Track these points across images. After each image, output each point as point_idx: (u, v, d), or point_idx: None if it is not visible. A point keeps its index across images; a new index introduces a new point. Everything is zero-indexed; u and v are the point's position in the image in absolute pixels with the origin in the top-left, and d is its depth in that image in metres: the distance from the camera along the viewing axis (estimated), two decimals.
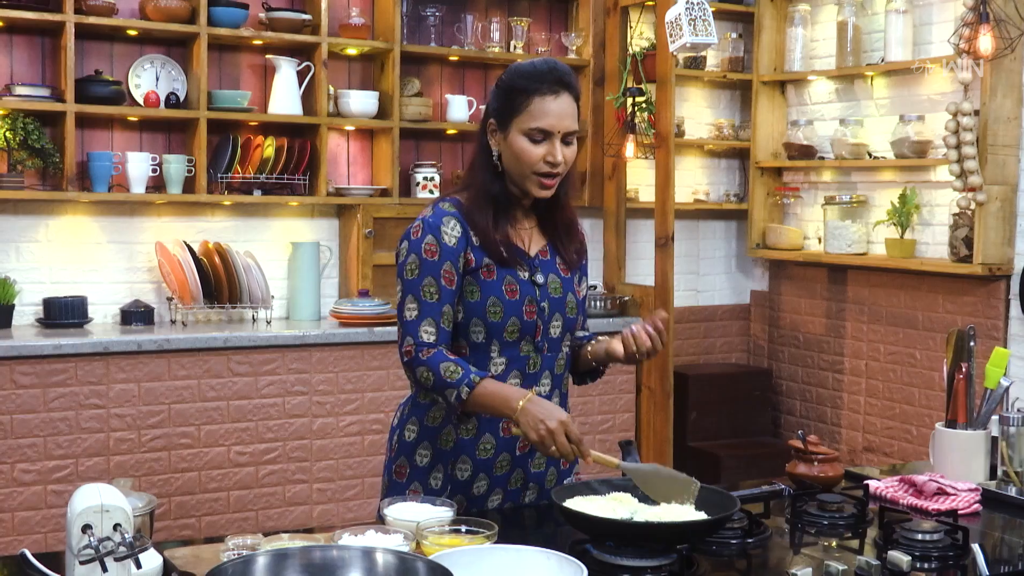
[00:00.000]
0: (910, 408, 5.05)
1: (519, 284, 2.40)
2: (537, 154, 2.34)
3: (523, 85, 2.34)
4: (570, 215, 2.52)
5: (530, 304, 2.40)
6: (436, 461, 2.44)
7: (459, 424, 2.41)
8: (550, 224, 2.49)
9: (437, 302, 2.35)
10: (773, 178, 5.69)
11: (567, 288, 2.48)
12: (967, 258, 4.62)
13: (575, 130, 2.37)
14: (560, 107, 2.34)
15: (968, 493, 2.49)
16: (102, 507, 1.72)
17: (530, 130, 2.33)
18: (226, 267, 4.57)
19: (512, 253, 2.40)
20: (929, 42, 4.93)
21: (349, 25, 4.82)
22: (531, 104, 2.33)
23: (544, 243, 2.49)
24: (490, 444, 2.42)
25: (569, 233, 2.51)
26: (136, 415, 4.23)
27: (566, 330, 2.47)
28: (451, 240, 2.36)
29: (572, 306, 2.48)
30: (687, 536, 2.04)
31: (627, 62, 5.20)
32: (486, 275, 2.38)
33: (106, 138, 4.59)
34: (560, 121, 2.33)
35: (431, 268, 2.35)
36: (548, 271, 2.46)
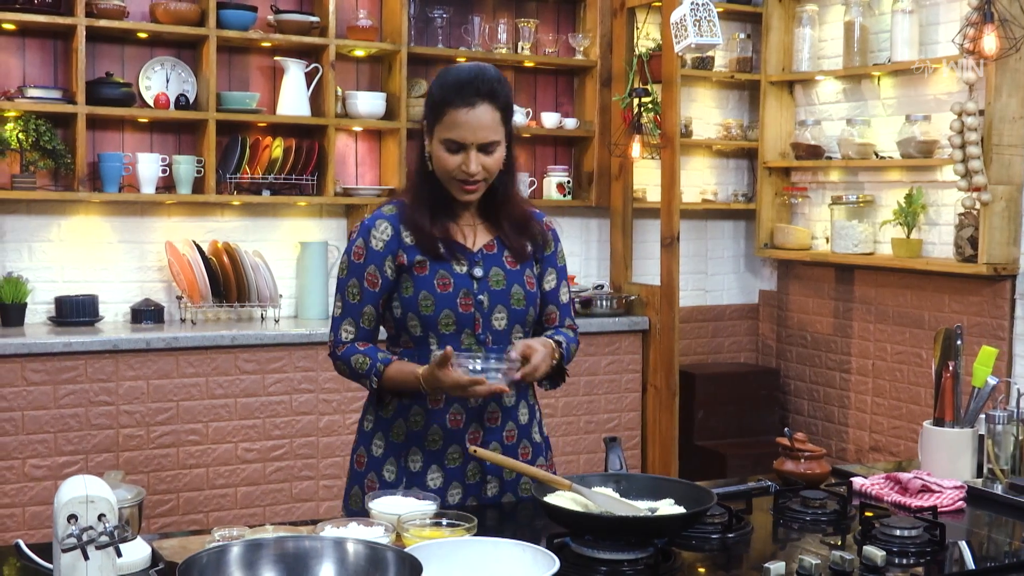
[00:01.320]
0: (916, 408, 5.06)
1: (453, 278, 2.44)
2: (453, 163, 2.39)
3: (441, 96, 2.39)
4: (518, 211, 2.54)
5: (465, 297, 2.44)
6: (389, 453, 2.50)
7: (408, 416, 2.47)
8: (498, 217, 2.51)
9: (358, 303, 2.47)
10: (781, 178, 5.70)
11: (513, 280, 2.50)
12: (972, 258, 4.62)
13: (494, 140, 2.38)
14: (474, 119, 2.36)
15: (953, 491, 2.51)
16: (87, 498, 1.76)
17: (445, 140, 2.39)
18: (235, 266, 4.63)
19: (451, 248, 2.45)
20: (936, 42, 4.94)
21: (357, 27, 4.87)
22: (446, 115, 2.38)
23: (491, 237, 2.52)
24: (438, 435, 2.47)
25: (519, 227, 2.53)
26: (145, 412, 4.29)
27: (514, 322, 2.49)
28: (378, 244, 2.45)
29: (519, 298, 2.49)
30: (664, 530, 2.08)
31: (633, 63, 5.23)
32: (418, 271, 2.44)
33: (117, 139, 4.65)
34: (474, 133, 2.36)
35: (356, 270, 2.47)
36: (492, 264, 2.49)
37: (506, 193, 2.51)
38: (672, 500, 2.20)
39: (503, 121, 2.42)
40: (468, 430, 2.47)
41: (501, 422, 2.50)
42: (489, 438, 2.48)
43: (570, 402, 5.06)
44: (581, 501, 2.16)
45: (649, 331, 5.18)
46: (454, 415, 2.46)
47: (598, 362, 5.11)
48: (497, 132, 2.40)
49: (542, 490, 2.18)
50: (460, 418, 2.47)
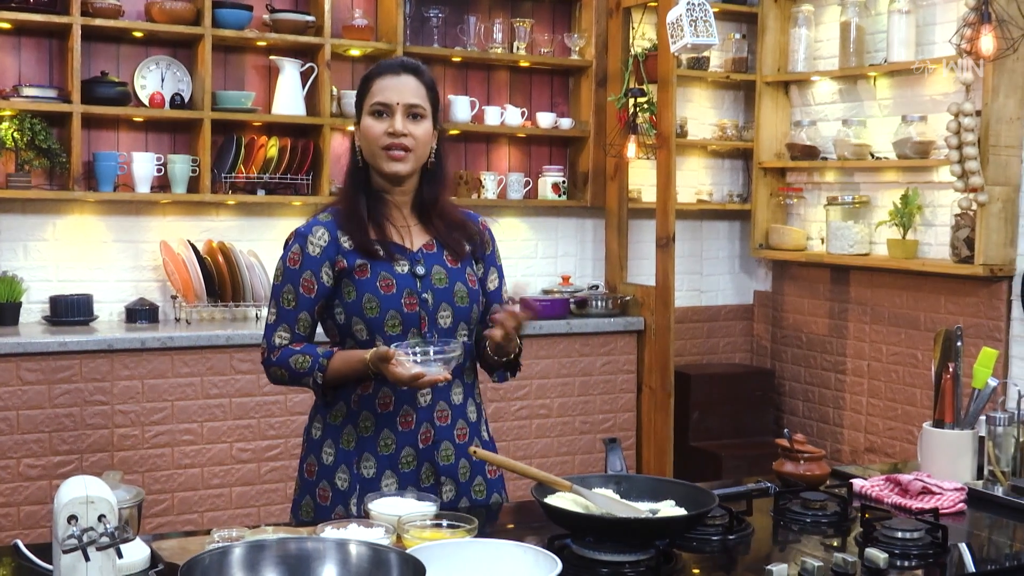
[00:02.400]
0: (912, 409, 5.06)
1: (396, 278, 2.43)
2: (380, 128, 2.42)
3: (369, 73, 2.49)
4: (452, 215, 2.55)
5: (410, 296, 2.42)
6: (340, 460, 2.46)
7: (358, 422, 2.44)
8: (430, 223, 2.52)
9: (293, 309, 2.45)
10: (776, 178, 5.70)
11: (455, 278, 2.49)
12: (969, 259, 4.62)
13: (419, 105, 2.43)
14: (399, 83, 2.43)
15: (953, 492, 2.51)
16: (87, 498, 1.75)
17: (371, 106, 2.44)
18: (229, 266, 4.62)
19: (389, 250, 2.44)
20: (932, 42, 4.94)
21: (352, 26, 4.86)
22: (373, 85, 2.46)
23: (430, 238, 2.52)
24: (391, 440, 2.44)
25: (454, 227, 2.54)
26: (140, 411, 4.27)
27: (459, 320, 2.48)
28: (315, 250, 2.44)
29: (462, 295, 2.48)
30: (665, 532, 2.07)
31: (629, 63, 5.22)
32: (360, 274, 2.42)
33: (112, 138, 4.64)
34: (399, 94, 2.42)
35: (292, 276, 2.46)
36: (432, 263, 2.48)
37: (434, 194, 2.52)
38: (673, 501, 2.20)
39: (429, 99, 2.46)
40: (419, 431, 2.44)
41: (451, 420, 2.48)
42: (440, 437, 2.46)
43: (565, 403, 5.06)
44: (581, 502, 2.15)
45: (644, 332, 5.18)
46: (404, 416, 2.43)
47: (593, 362, 5.11)
48: (422, 100, 2.44)
49: (542, 491, 2.17)
50: (411, 419, 2.44)
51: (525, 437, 4.92)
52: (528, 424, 4.97)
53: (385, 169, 2.44)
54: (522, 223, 5.42)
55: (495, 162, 5.39)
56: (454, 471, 2.48)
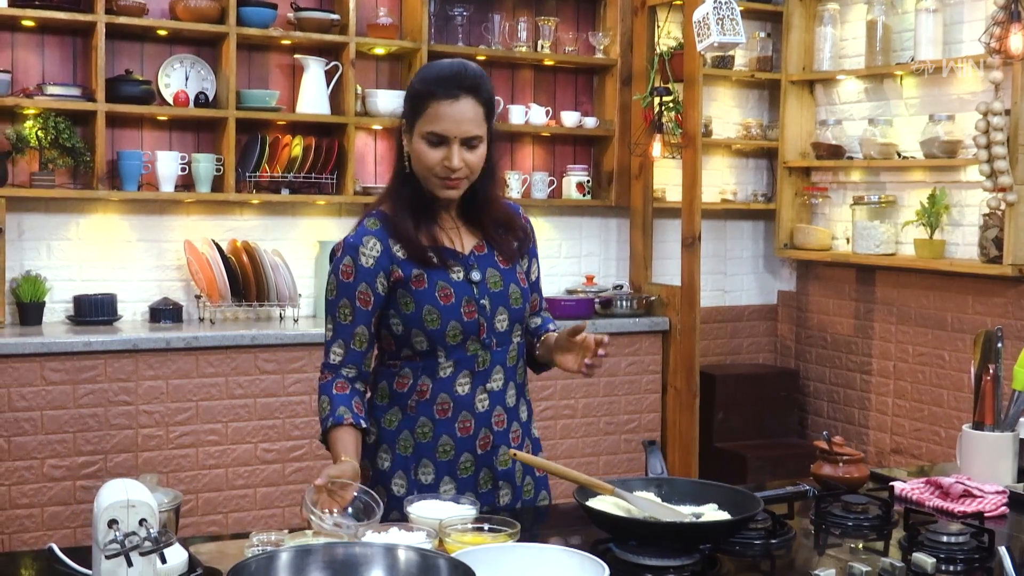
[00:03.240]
0: (939, 410, 5.02)
1: (453, 287, 2.38)
2: (435, 158, 2.31)
3: (423, 89, 2.32)
4: (500, 212, 2.49)
5: (468, 304, 2.38)
6: (397, 466, 2.42)
7: (415, 428, 2.41)
8: (479, 223, 2.46)
9: (350, 323, 2.38)
10: (801, 178, 5.67)
11: (508, 280, 2.45)
12: (997, 259, 4.58)
13: (476, 135, 2.31)
14: (457, 112, 2.29)
15: (995, 495, 2.47)
16: (128, 502, 1.73)
17: (427, 134, 2.31)
18: (254, 265, 4.60)
19: (442, 256, 2.38)
20: (960, 41, 4.90)
21: (377, 25, 4.84)
22: (428, 108, 2.30)
23: (479, 239, 2.46)
24: (449, 445, 2.40)
25: (503, 227, 2.48)
26: (164, 412, 4.26)
27: (514, 321, 2.45)
28: (368, 261, 2.36)
29: (516, 297, 2.45)
30: (710, 536, 2.04)
31: (654, 61, 5.19)
32: (417, 285, 2.37)
33: (136, 137, 4.62)
34: (457, 126, 2.29)
35: (346, 290, 2.38)
36: (486, 266, 2.43)
37: (487, 196, 2.44)
38: (715, 505, 2.17)
39: (486, 117, 2.34)
40: (478, 436, 2.41)
41: (507, 424, 2.45)
42: (498, 442, 2.43)
43: (590, 403, 5.03)
44: (623, 505, 2.13)
45: (669, 332, 5.15)
46: (463, 422, 2.40)
47: (618, 363, 5.08)
48: (480, 127, 2.32)
49: (584, 494, 2.14)
50: (469, 425, 2.41)
51: (550, 438, 4.89)
52: (553, 425, 4.94)
53: (438, 195, 2.36)
54: (546, 223, 5.39)
55: (519, 161, 5.37)
56: (511, 475, 2.46)
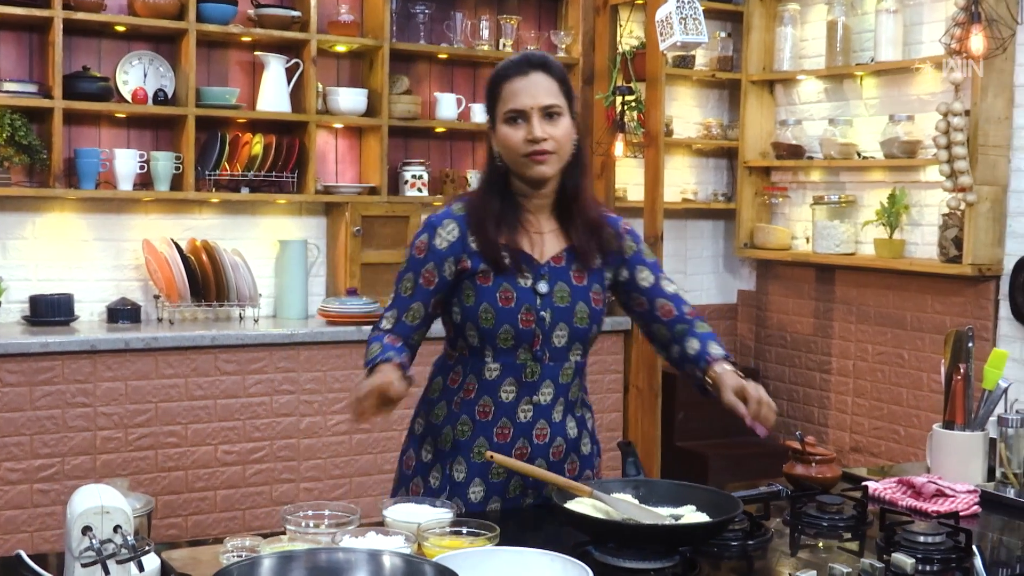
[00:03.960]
0: (898, 408, 5.06)
1: (516, 291, 2.35)
2: (518, 136, 2.31)
3: (495, 76, 2.38)
4: (591, 212, 2.43)
5: (527, 313, 2.34)
6: (436, 460, 2.44)
7: (456, 425, 2.40)
8: (570, 222, 2.41)
9: (408, 297, 2.39)
10: (761, 177, 5.69)
11: (578, 297, 2.39)
12: (957, 258, 4.62)
13: (553, 103, 2.31)
14: (529, 84, 2.31)
15: (966, 495, 2.49)
16: (102, 508, 1.69)
17: (506, 113, 2.33)
18: (214, 265, 4.54)
19: (516, 259, 2.36)
20: (920, 42, 4.93)
21: (338, 22, 4.79)
22: (503, 90, 2.34)
23: (561, 248, 2.42)
24: (483, 447, 2.38)
25: (591, 230, 2.42)
26: (123, 414, 4.19)
27: (574, 340, 2.39)
28: (442, 243, 2.36)
29: (582, 316, 2.39)
30: (690, 538, 2.03)
31: (616, 60, 5.18)
32: (482, 280, 2.35)
33: (93, 135, 4.54)
34: (533, 97, 2.30)
35: (414, 265, 2.38)
36: (557, 279, 2.39)
37: (576, 189, 2.40)
38: (693, 507, 2.16)
39: (562, 93, 2.34)
40: (515, 445, 2.38)
41: (549, 439, 2.41)
42: (536, 454, 2.39)
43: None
44: (602, 508, 2.11)
45: (631, 331, 5.14)
46: (502, 429, 2.38)
47: None
48: (556, 98, 2.32)
49: (562, 496, 2.12)
50: (508, 433, 2.38)
51: None
52: None
53: (531, 174, 2.34)
54: None
55: (481, 160, 5.34)
56: (541, 483, 2.41)
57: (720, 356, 2.38)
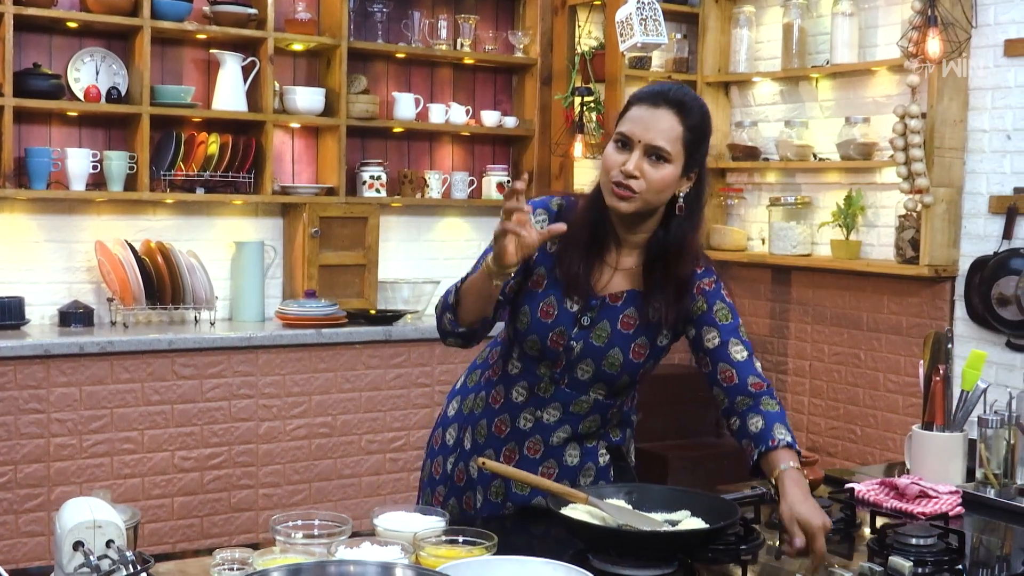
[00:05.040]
0: (855, 408, 5.10)
1: (559, 311, 2.29)
2: (615, 160, 2.20)
3: (633, 95, 2.28)
4: (682, 271, 2.28)
5: (559, 335, 2.29)
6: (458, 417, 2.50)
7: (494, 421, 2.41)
8: (657, 271, 2.28)
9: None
10: (717, 179, 5.70)
11: (617, 343, 2.29)
12: (913, 259, 4.66)
13: (663, 147, 2.18)
14: (651, 117, 2.19)
15: (949, 496, 2.50)
16: (94, 523, 1.63)
17: (617, 133, 2.23)
18: (169, 267, 4.45)
19: (575, 282, 2.27)
20: (875, 45, 4.97)
21: (295, 20, 4.72)
22: (630, 110, 2.25)
23: (625, 289, 2.31)
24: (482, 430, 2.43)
25: (671, 293, 2.28)
26: (77, 420, 4.08)
27: (598, 380, 2.31)
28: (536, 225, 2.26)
29: (614, 362, 2.29)
30: (689, 545, 2.01)
31: (575, 61, 5.17)
32: (534, 285, 2.31)
33: (44, 134, 4.43)
34: (644, 130, 2.18)
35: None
36: (604, 316, 2.30)
37: (680, 244, 2.27)
38: (688, 512, 2.14)
39: (685, 141, 2.20)
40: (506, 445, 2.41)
41: (540, 457, 2.39)
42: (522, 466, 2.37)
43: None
44: (597, 514, 2.08)
45: None
46: (500, 422, 2.41)
47: None
48: (670, 143, 2.18)
49: (557, 503, 2.09)
50: (504, 428, 2.42)
51: None
52: None
53: (607, 202, 2.24)
54: (466, 223, 5.33)
55: (439, 161, 5.29)
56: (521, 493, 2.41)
57: (784, 443, 2.18)
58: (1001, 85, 4.51)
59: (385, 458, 4.62)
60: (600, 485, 2.24)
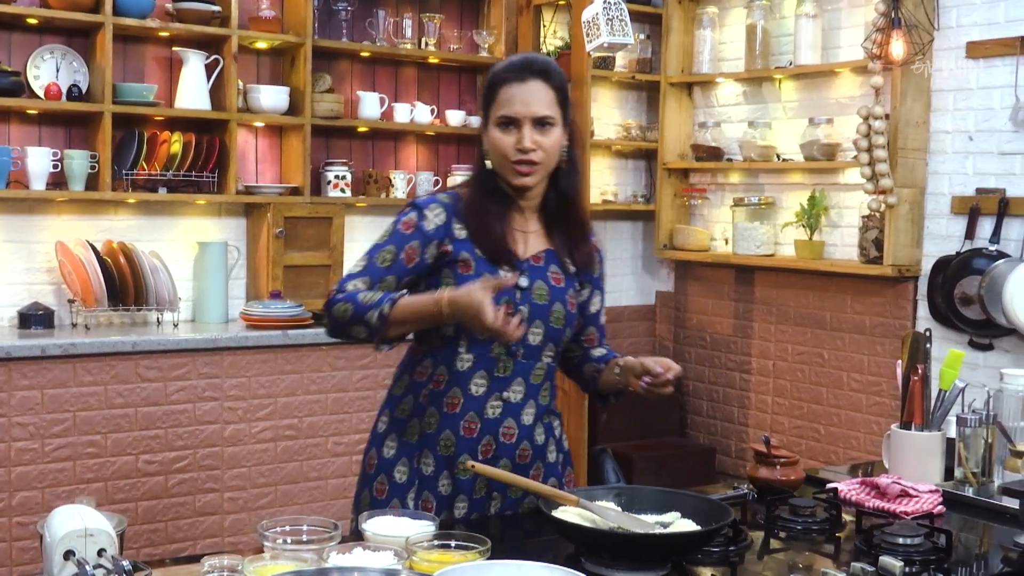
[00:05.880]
0: (818, 407, 5.13)
1: None
2: (508, 142, 2.32)
3: (493, 78, 2.39)
4: (578, 218, 2.46)
5: (506, 306, 2.30)
6: (402, 454, 2.41)
7: (423, 417, 2.37)
8: (557, 224, 2.43)
9: (384, 268, 2.34)
10: (680, 179, 5.72)
11: (556, 297, 2.40)
12: (877, 259, 4.70)
13: (547, 115, 2.32)
14: (526, 92, 2.32)
15: (930, 495, 2.51)
16: (86, 531, 1.60)
17: (499, 119, 2.34)
18: (132, 268, 4.38)
19: (501, 253, 2.35)
20: (838, 46, 5.01)
21: (259, 18, 4.67)
22: (499, 93, 2.35)
23: (543, 248, 2.43)
24: (450, 442, 2.36)
25: (575, 239, 2.46)
26: (39, 423, 4.01)
27: (548, 340, 2.40)
28: (430, 225, 2.35)
29: (558, 316, 2.40)
30: (684, 547, 2.00)
31: None
32: (463, 269, 2.34)
33: (3, 132, 4.34)
34: (526, 105, 2.31)
35: (399, 239, 2.35)
36: (537, 277, 2.39)
37: (568, 194, 2.42)
38: (678, 513, 2.13)
39: (558, 103, 2.35)
40: (481, 441, 2.35)
41: (516, 440, 2.39)
42: (501, 453, 2.37)
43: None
44: (588, 516, 2.07)
45: None
46: (469, 423, 2.35)
47: None
48: (551, 109, 2.32)
49: (549, 505, 2.07)
50: (475, 428, 2.35)
51: None
52: None
53: (513, 182, 2.36)
54: None
55: (403, 160, 5.26)
56: (504, 488, 2.39)
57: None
58: (963, 87, 4.56)
59: (351, 460, 4.58)
60: (590, 488, 2.22)
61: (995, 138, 4.46)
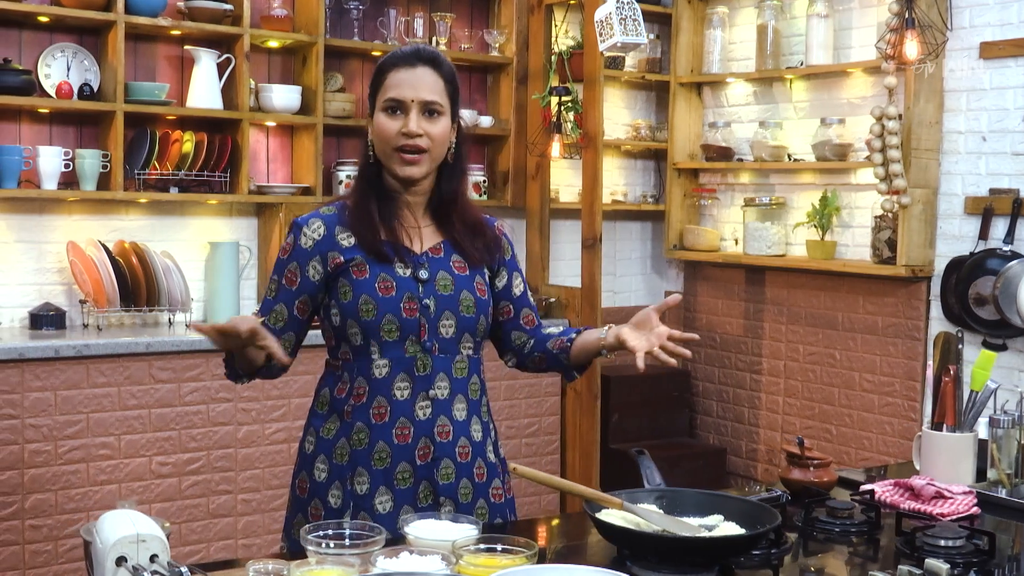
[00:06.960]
0: (830, 408, 5.12)
1: (396, 281, 2.29)
2: (393, 127, 2.28)
3: (382, 64, 2.33)
4: (469, 214, 2.42)
5: (410, 301, 2.28)
6: (333, 477, 2.32)
7: (351, 435, 2.30)
8: (447, 222, 2.39)
9: (272, 299, 2.36)
10: (690, 179, 5.70)
11: (462, 286, 2.35)
12: (890, 260, 4.69)
13: (435, 101, 2.29)
14: (414, 77, 2.28)
15: (964, 496, 2.50)
16: (138, 536, 1.58)
17: (385, 102, 2.29)
18: (144, 268, 4.35)
19: (393, 250, 2.30)
20: (850, 46, 5.00)
21: (271, 17, 4.64)
22: (387, 78, 2.30)
23: (438, 241, 2.38)
24: (385, 453, 2.28)
25: (471, 231, 2.40)
26: (52, 425, 3.98)
27: (463, 330, 2.34)
28: (307, 242, 2.32)
29: (468, 304, 2.34)
30: (731, 551, 1.98)
31: (552, 61, 5.14)
32: (357, 273, 2.28)
33: (14, 131, 4.31)
34: (414, 90, 2.27)
35: (279, 266, 2.36)
36: (438, 268, 2.34)
37: (454, 191, 2.38)
38: (721, 516, 2.11)
39: (447, 93, 2.32)
40: (417, 446, 2.29)
41: (453, 437, 2.32)
42: (440, 453, 2.30)
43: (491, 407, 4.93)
44: (632, 519, 2.05)
45: None
46: (401, 429, 2.28)
47: None
48: (439, 96, 2.30)
49: (593, 507, 2.06)
50: (408, 433, 2.29)
51: None
52: None
53: (399, 173, 2.30)
54: None
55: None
56: (454, 491, 2.32)
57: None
58: (976, 87, 4.55)
59: None
60: (631, 490, 2.20)
61: (1008, 139, 4.46)
